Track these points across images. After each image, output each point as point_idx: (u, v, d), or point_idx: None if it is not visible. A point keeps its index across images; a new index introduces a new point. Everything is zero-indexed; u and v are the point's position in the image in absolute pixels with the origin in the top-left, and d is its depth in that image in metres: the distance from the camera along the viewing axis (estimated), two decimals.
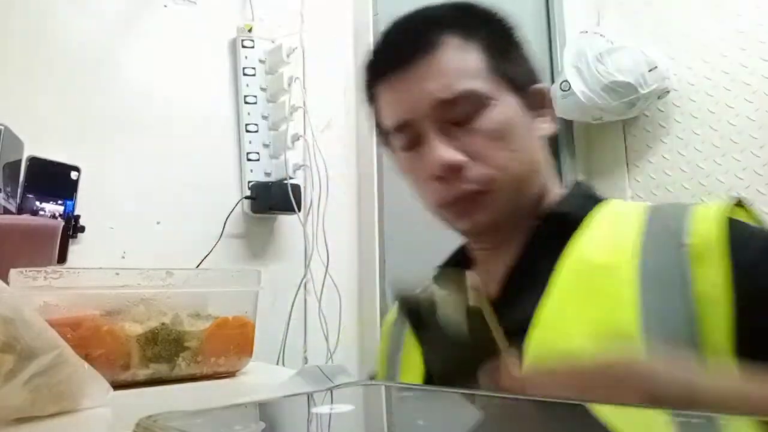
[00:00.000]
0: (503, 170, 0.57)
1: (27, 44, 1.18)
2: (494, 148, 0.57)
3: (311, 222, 1.48)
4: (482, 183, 0.57)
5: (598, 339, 0.46)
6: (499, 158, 0.57)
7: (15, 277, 0.49)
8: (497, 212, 0.59)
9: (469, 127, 0.57)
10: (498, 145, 0.57)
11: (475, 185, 0.57)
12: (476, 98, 0.57)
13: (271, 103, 1.45)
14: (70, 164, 1.13)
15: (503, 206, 0.59)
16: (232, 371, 0.62)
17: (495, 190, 0.57)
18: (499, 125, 0.57)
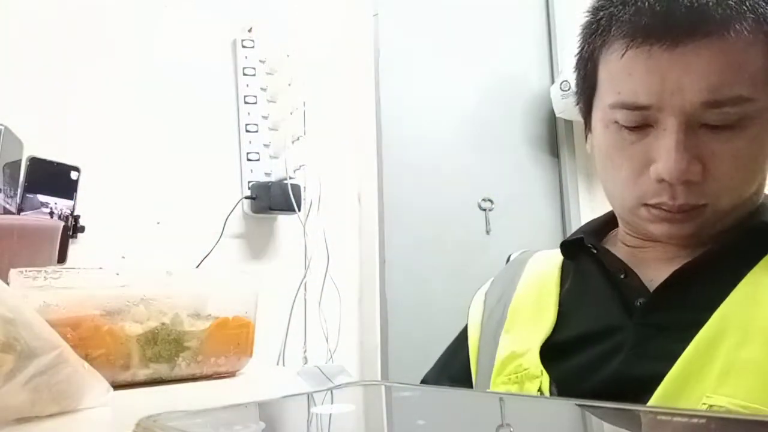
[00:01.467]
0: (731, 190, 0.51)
1: (27, 44, 1.18)
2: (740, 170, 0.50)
3: (311, 222, 1.48)
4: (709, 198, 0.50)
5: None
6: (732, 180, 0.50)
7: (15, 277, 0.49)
8: (703, 228, 0.53)
9: (721, 136, 0.48)
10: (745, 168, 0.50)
11: (702, 200, 0.50)
12: (745, 108, 0.47)
13: (271, 103, 1.45)
14: (70, 164, 1.13)
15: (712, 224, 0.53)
16: (232, 371, 0.62)
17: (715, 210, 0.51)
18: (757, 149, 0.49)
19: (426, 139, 1.73)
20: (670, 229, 0.53)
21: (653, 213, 0.52)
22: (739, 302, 0.47)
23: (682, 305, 0.51)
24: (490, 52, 1.94)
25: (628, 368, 0.50)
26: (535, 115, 1.99)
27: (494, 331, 0.65)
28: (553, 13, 2.08)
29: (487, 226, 1.79)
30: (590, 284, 0.60)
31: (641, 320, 0.52)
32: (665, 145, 0.49)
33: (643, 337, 0.51)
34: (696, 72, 0.47)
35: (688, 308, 0.50)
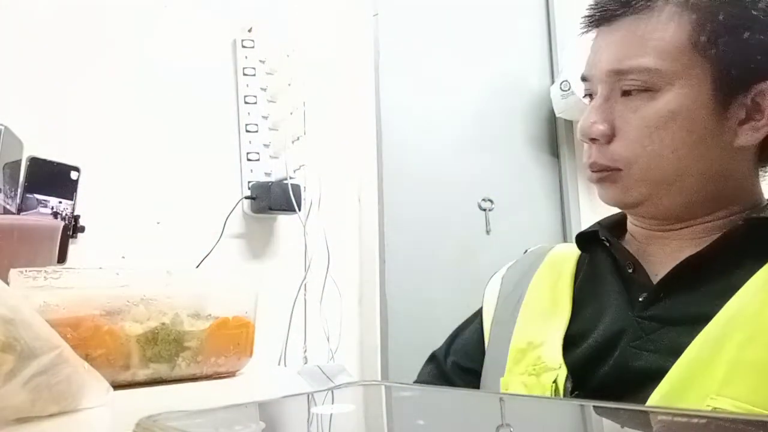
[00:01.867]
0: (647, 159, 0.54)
1: (27, 44, 1.18)
2: (645, 136, 0.54)
3: (311, 222, 1.48)
4: (615, 162, 0.56)
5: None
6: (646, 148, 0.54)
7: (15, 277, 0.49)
8: (635, 196, 0.56)
9: (632, 105, 0.54)
10: (650, 133, 0.53)
11: (609, 163, 0.56)
12: (650, 77, 0.53)
13: (271, 103, 1.45)
14: (70, 164, 1.13)
15: (642, 191, 0.56)
16: (232, 371, 0.62)
17: (631, 174, 0.55)
18: (660, 114, 0.53)
19: (426, 140, 1.73)
20: (600, 191, 0.59)
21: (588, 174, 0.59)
22: (747, 299, 0.47)
23: (684, 299, 0.52)
24: (490, 52, 1.94)
25: (627, 361, 0.51)
26: (535, 115, 1.99)
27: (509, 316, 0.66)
28: (553, 13, 2.08)
29: (487, 226, 1.79)
30: (601, 277, 0.61)
31: (641, 314, 0.54)
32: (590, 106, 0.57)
33: (642, 331, 0.52)
34: (609, 46, 0.56)
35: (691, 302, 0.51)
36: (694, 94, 0.52)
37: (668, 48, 0.52)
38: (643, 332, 0.52)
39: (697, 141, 0.53)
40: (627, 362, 0.51)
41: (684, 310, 0.51)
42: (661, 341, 0.51)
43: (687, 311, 0.51)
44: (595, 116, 0.56)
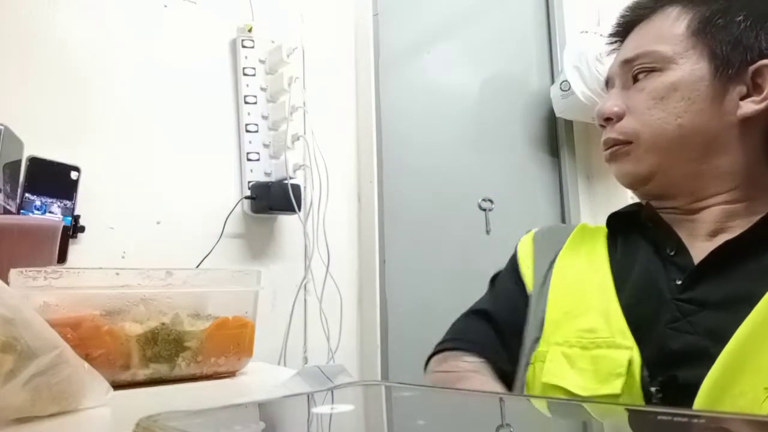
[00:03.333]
0: (651, 128, 0.60)
1: (27, 44, 1.18)
2: (651, 107, 0.60)
3: (311, 222, 1.48)
4: (625, 135, 0.61)
5: None
6: (653, 118, 0.60)
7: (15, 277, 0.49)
8: (646, 166, 0.61)
9: (640, 86, 0.61)
10: (657, 105, 0.59)
11: (620, 136, 0.62)
12: (655, 59, 0.60)
13: (271, 103, 1.45)
14: (70, 164, 1.13)
15: (652, 161, 0.60)
16: (232, 371, 0.62)
17: (640, 144, 0.60)
18: (663, 86, 0.59)
19: (426, 139, 1.73)
20: (615, 169, 0.64)
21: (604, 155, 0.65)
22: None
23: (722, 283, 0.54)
24: (490, 52, 1.94)
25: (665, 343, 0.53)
26: (535, 115, 1.99)
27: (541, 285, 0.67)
28: (553, 13, 2.08)
29: (487, 226, 1.79)
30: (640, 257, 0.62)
31: (679, 296, 0.55)
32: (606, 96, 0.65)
33: (680, 313, 0.54)
34: (626, 46, 0.64)
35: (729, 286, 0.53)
36: (693, 70, 0.58)
37: (669, 35, 0.60)
38: (681, 314, 0.54)
39: (699, 111, 0.58)
40: (665, 343, 0.53)
41: (722, 294, 0.52)
42: (700, 324, 0.52)
43: (726, 294, 0.52)
44: (610, 100, 0.63)
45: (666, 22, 0.61)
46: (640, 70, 0.61)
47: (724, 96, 0.58)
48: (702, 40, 0.58)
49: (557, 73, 2.00)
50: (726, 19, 0.58)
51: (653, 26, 0.62)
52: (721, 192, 0.59)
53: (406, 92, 1.71)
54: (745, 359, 0.46)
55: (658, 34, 0.61)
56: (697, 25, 0.59)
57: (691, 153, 0.59)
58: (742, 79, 0.58)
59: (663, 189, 0.62)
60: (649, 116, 0.60)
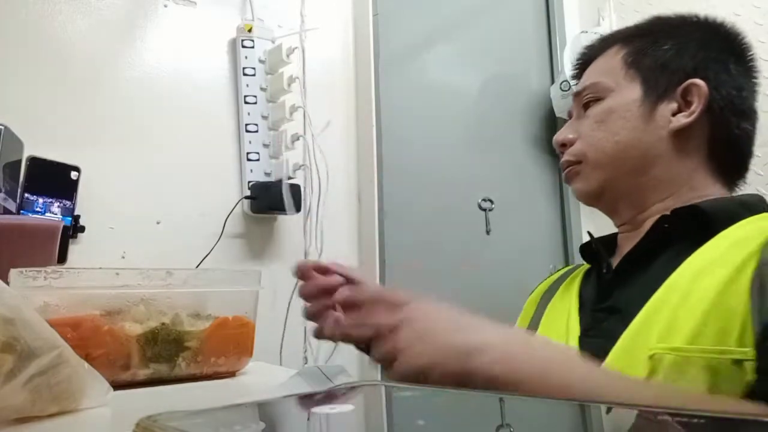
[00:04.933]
0: (595, 148, 0.68)
1: (27, 44, 1.18)
2: (594, 130, 0.68)
3: (311, 222, 1.48)
4: (575, 156, 0.69)
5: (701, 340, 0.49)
6: (594, 138, 0.68)
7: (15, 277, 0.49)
8: (594, 182, 0.68)
9: (587, 113, 0.70)
10: (598, 127, 0.68)
11: (571, 157, 0.70)
12: (597, 89, 0.69)
13: (271, 103, 1.45)
14: (70, 164, 1.13)
15: (598, 177, 0.68)
16: (232, 371, 0.62)
17: (588, 163, 0.68)
18: (603, 112, 0.68)
19: (426, 139, 1.73)
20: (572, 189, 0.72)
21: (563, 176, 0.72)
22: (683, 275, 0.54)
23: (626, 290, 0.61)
24: (490, 52, 1.94)
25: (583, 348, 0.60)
26: (535, 115, 1.99)
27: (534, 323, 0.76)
28: (553, 13, 2.08)
29: (487, 226, 1.79)
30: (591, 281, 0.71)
31: (594, 307, 0.64)
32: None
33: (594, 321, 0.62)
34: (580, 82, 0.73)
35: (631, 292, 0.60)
36: (627, 95, 0.67)
37: (609, 68, 0.69)
38: (594, 322, 0.62)
39: (633, 128, 0.66)
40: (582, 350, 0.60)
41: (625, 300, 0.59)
42: (606, 329, 0.59)
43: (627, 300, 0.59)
44: (565, 129, 0.72)
45: (608, 58, 0.70)
46: (588, 100, 0.70)
47: (655, 113, 0.65)
48: (635, 69, 0.67)
49: (557, 73, 2.00)
50: (654, 48, 0.67)
51: (599, 63, 0.71)
52: (659, 200, 0.66)
53: (406, 92, 1.71)
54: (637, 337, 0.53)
55: (601, 69, 0.70)
56: (631, 57, 0.68)
57: (630, 166, 0.66)
58: (673, 98, 0.65)
59: (612, 203, 0.69)
60: (593, 138, 0.68)
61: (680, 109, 0.65)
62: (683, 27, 0.69)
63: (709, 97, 0.64)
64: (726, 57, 0.66)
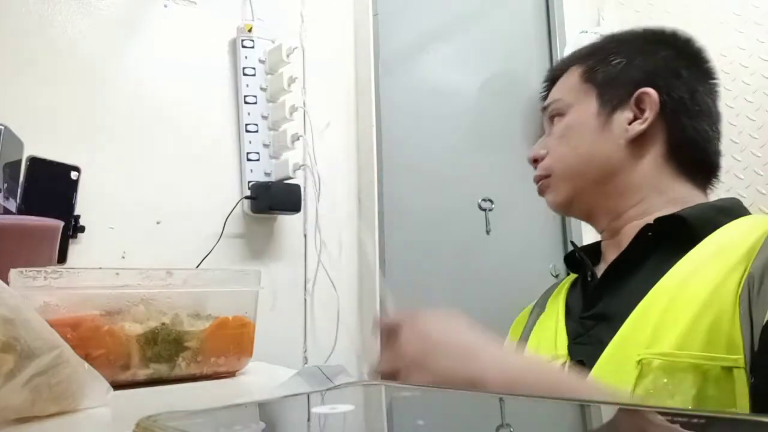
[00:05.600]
0: (560, 160, 0.72)
1: (27, 44, 1.18)
2: (558, 144, 0.72)
3: (311, 222, 1.48)
4: (545, 170, 0.73)
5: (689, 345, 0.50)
6: (558, 152, 0.72)
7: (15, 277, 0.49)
8: (562, 193, 0.72)
9: (553, 129, 0.74)
10: (561, 142, 0.72)
11: (542, 171, 0.74)
12: (558, 106, 0.74)
13: (271, 103, 1.45)
14: (70, 164, 1.13)
15: (565, 188, 0.71)
16: (232, 371, 0.62)
17: (555, 176, 0.72)
18: (565, 127, 0.72)
19: (426, 139, 1.73)
20: (545, 199, 0.76)
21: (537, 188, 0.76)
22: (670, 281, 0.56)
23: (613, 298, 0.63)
24: (490, 53, 1.94)
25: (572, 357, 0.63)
26: (535, 115, 1.99)
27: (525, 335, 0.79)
28: (553, 13, 2.08)
29: (487, 226, 1.79)
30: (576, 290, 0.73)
31: (583, 315, 0.66)
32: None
33: (583, 329, 0.64)
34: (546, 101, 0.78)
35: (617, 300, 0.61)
36: (584, 109, 0.71)
37: (568, 86, 0.74)
38: (584, 330, 0.64)
39: (592, 140, 0.69)
40: (573, 357, 0.62)
41: (614, 308, 0.60)
42: (595, 336, 0.61)
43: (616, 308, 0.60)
44: (536, 146, 0.77)
45: (567, 77, 0.75)
46: (551, 115, 0.75)
47: (611, 124, 0.68)
48: (590, 84, 0.71)
49: None
50: (605, 64, 0.71)
51: (561, 82, 0.76)
52: (631, 206, 0.68)
53: (406, 92, 1.71)
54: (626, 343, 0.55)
55: (562, 87, 0.75)
56: (586, 73, 0.72)
57: (594, 176, 0.69)
58: (626, 107, 0.68)
59: (584, 212, 0.73)
60: (558, 152, 0.72)
61: (636, 117, 0.68)
62: (631, 40, 0.73)
63: (660, 103, 0.67)
64: (676, 63, 0.69)
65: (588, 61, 0.73)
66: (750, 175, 1.75)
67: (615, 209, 0.69)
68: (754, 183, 1.74)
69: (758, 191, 1.73)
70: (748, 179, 1.75)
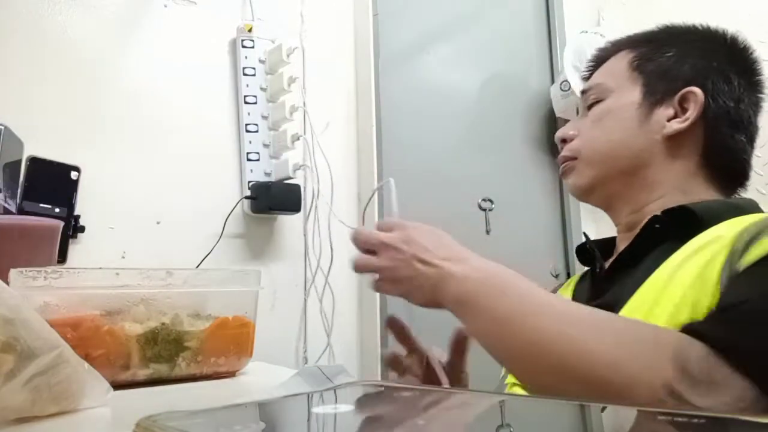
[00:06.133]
0: (590, 144, 0.71)
1: (27, 44, 1.18)
2: (592, 128, 0.71)
3: (311, 222, 1.48)
4: (571, 152, 0.72)
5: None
6: (591, 136, 0.71)
7: (15, 277, 0.49)
8: (585, 178, 0.71)
9: (590, 113, 0.72)
10: (595, 126, 0.71)
11: (568, 152, 0.73)
12: (600, 90, 0.72)
13: (271, 103, 1.45)
14: (70, 164, 1.13)
15: (590, 173, 0.70)
16: (232, 371, 0.62)
17: (582, 159, 0.71)
18: (602, 111, 0.70)
19: (426, 139, 1.73)
20: (567, 184, 0.75)
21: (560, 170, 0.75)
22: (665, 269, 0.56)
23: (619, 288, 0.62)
24: (490, 53, 1.94)
25: None
26: (534, 115, 1.99)
27: None
28: (553, 13, 2.08)
29: (487, 226, 1.79)
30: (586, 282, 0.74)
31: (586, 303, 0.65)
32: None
33: None
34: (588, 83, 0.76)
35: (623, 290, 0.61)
36: (626, 97, 0.69)
37: (615, 71, 0.72)
38: None
39: (626, 129, 0.68)
40: None
41: (617, 298, 0.60)
42: None
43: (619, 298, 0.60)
44: (567, 126, 0.75)
45: (616, 61, 0.73)
46: (593, 101, 0.72)
47: (651, 118, 0.67)
48: (638, 73, 0.70)
49: (557, 73, 2.00)
50: (658, 54, 0.70)
51: (607, 65, 0.74)
52: (652, 201, 0.67)
53: (406, 92, 1.71)
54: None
55: (608, 71, 0.73)
56: (636, 61, 0.70)
57: (621, 165, 0.68)
58: (670, 103, 0.67)
59: (605, 200, 0.72)
60: (589, 135, 0.71)
61: (676, 115, 0.66)
62: (688, 36, 0.71)
63: (705, 106, 0.65)
64: (728, 68, 0.67)
65: (640, 48, 0.71)
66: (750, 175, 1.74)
67: (636, 202, 0.68)
68: (754, 183, 1.73)
69: (758, 191, 1.73)
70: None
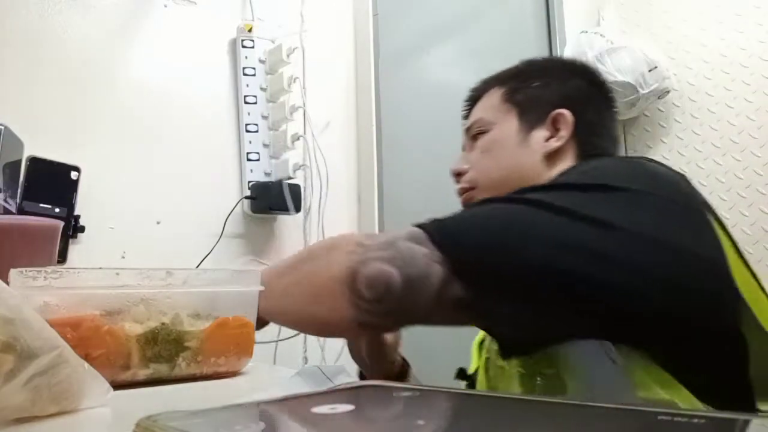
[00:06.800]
0: (484, 174, 0.79)
1: (27, 44, 1.18)
2: (481, 159, 0.79)
3: (311, 222, 1.48)
4: (469, 183, 0.80)
5: None
6: (482, 166, 0.79)
7: (15, 277, 0.49)
8: None
9: (476, 145, 0.81)
10: (484, 156, 0.79)
11: (465, 184, 0.81)
12: (482, 124, 0.81)
13: (271, 103, 1.45)
14: (70, 164, 1.13)
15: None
16: (232, 371, 0.62)
17: (480, 188, 0.79)
18: (488, 143, 0.79)
19: (426, 139, 1.73)
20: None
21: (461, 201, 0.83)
22: None
23: None
24: (490, 53, 1.94)
25: None
26: None
27: None
28: (553, 13, 2.08)
29: None
30: None
31: None
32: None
33: None
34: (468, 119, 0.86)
35: None
36: (506, 127, 0.78)
37: (490, 105, 0.81)
38: None
39: (511, 154, 0.77)
40: None
41: None
42: None
43: None
44: (459, 161, 0.83)
45: (489, 97, 0.82)
46: (475, 133, 0.81)
47: (530, 140, 0.76)
48: (510, 104, 0.79)
49: None
50: (525, 85, 0.80)
51: (483, 102, 0.83)
52: None
53: (406, 92, 1.71)
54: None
55: (484, 107, 0.82)
56: (507, 94, 0.80)
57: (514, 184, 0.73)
58: (543, 126, 0.76)
59: None
60: (481, 165, 0.79)
61: (552, 135, 0.76)
62: (549, 67, 0.84)
63: (574, 123, 0.75)
64: (587, 90, 0.78)
65: (509, 82, 0.81)
66: (750, 175, 1.75)
67: None
68: (754, 183, 1.74)
69: (758, 191, 1.73)
70: (748, 179, 1.75)
